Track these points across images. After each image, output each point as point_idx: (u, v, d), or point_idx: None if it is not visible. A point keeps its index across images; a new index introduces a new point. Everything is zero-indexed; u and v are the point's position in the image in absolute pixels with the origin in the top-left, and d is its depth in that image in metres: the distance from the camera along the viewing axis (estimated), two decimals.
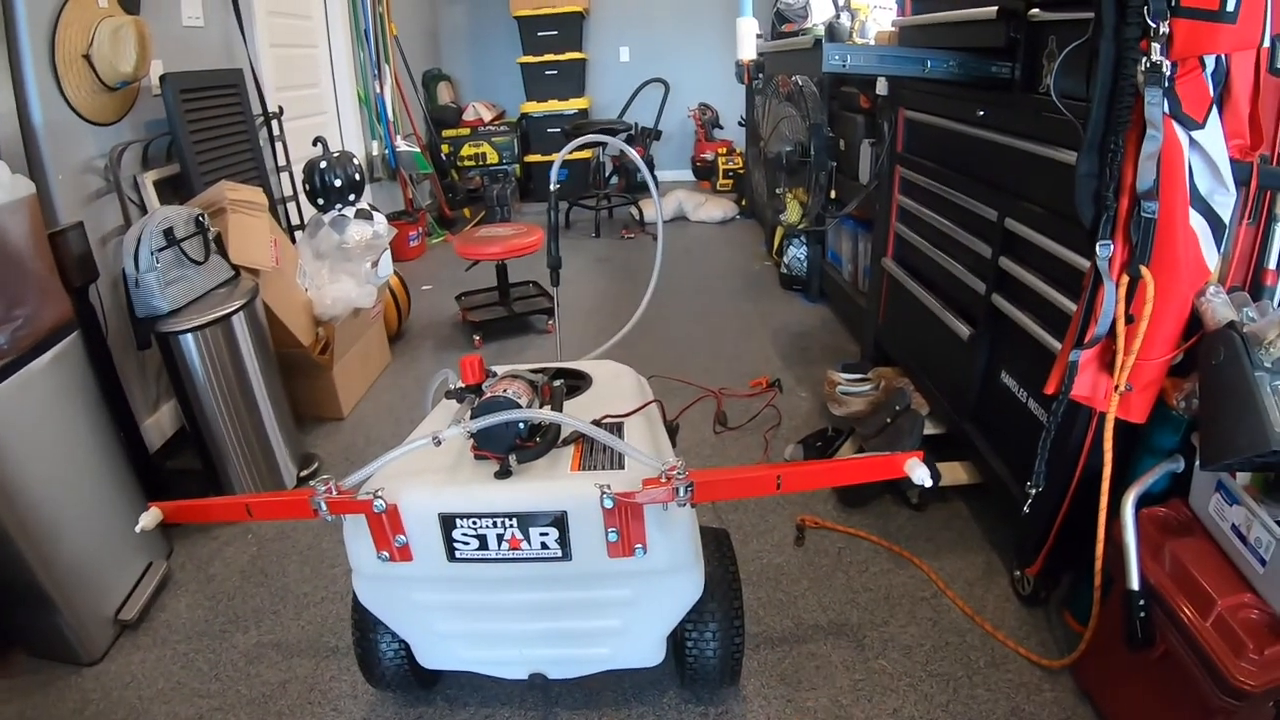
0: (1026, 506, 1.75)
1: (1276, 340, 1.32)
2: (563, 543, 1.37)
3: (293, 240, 3.37)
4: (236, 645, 2.02)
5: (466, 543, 1.37)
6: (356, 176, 3.25)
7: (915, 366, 2.64)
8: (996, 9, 1.95)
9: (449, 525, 1.36)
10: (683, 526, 1.42)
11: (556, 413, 1.47)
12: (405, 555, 1.40)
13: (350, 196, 3.23)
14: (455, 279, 4.74)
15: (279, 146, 3.75)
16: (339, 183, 3.18)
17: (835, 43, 3.12)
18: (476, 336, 3.97)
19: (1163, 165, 1.40)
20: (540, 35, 6.87)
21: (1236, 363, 1.34)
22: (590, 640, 1.56)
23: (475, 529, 1.35)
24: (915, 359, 2.67)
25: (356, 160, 3.31)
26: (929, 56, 2.10)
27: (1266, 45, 1.37)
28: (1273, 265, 1.55)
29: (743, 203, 6.46)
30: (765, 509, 2.43)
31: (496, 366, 1.70)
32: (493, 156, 6.91)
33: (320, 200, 3.21)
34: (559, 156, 2.19)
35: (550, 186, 2.18)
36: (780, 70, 4.19)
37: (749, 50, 5.39)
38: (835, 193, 3.61)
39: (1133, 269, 1.47)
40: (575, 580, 1.45)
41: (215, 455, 2.50)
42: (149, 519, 1.40)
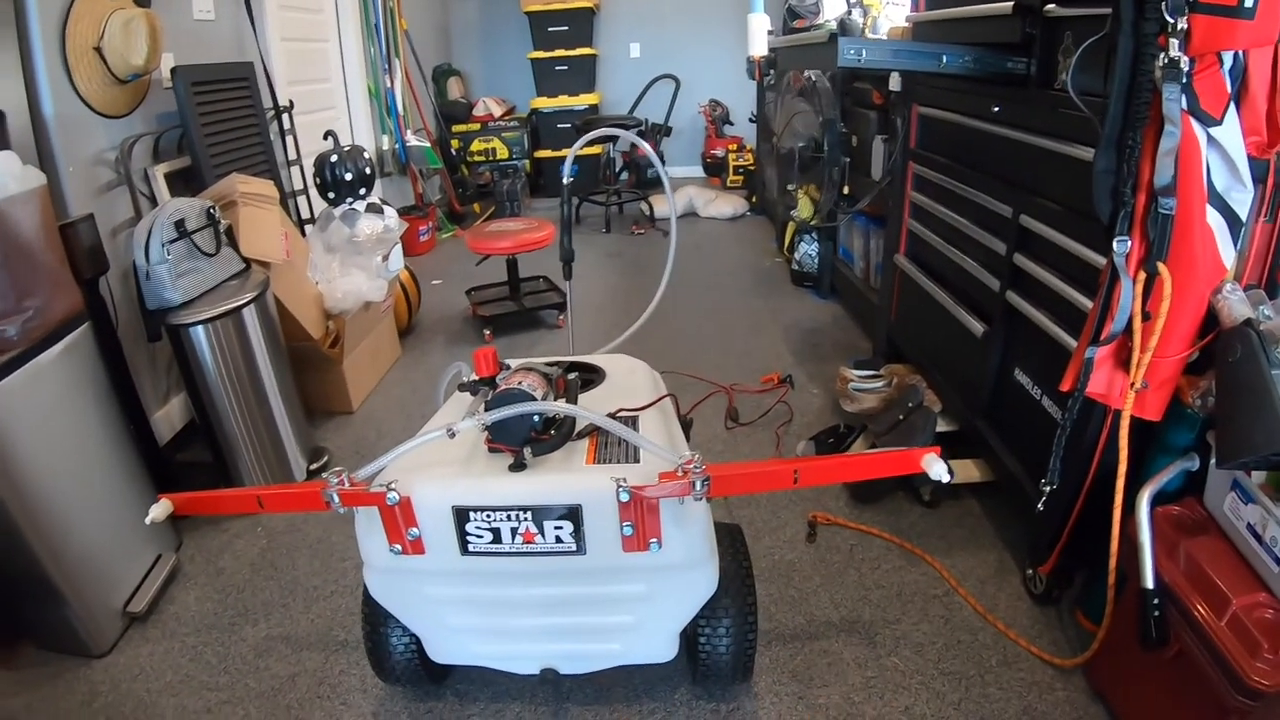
0: (1041, 503, 1.75)
1: None
2: (577, 537, 1.35)
3: (303, 234, 3.37)
4: (245, 638, 2.02)
5: (480, 536, 1.36)
6: (367, 170, 3.26)
7: (927, 363, 2.64)
8: (1013, 4, 1.93)
9: (463, 518, 1.35)
10: (698, 521, 1.41)
11: (572, 405, 1.46)
12: (418, 548, 1.39)
13: (361, 190, 3.24)
14: (465, 274, 4.74)
15: (289, 140, 3.76)
16: (349, 177, 3.19)
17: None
18: (487, 331, 3.97)
19: (1180, 162, 1.39)
20: (551, 30, 6.88)
21: (1253, 360, 1.32)
22: (603, 636, 1.55)
23: (489, 522, 1.34)
24: (928, 356, 2.66)
25: (367, 154, 3.32)
26: (945, 51, 2.09)
27: None
28: None
29: (753, 199, 6.45)
30: (777, 505, 2.42)
31: (510, 360, 1.69)
32: (503, 152, 6.90)
33: (331, 194, 3.22)
34: (573, 149, 2.17)
35: (564, 180, 2.17)
36: (793, 65, 4.17)
37: (760, 46, 5.37)
38: (848, 189, 3.60)
39: (1150, 265, 1.45)
40: (589, 575, 1.44)
41: (225, 448, 2.50)
42: (159, 510, 1.40)
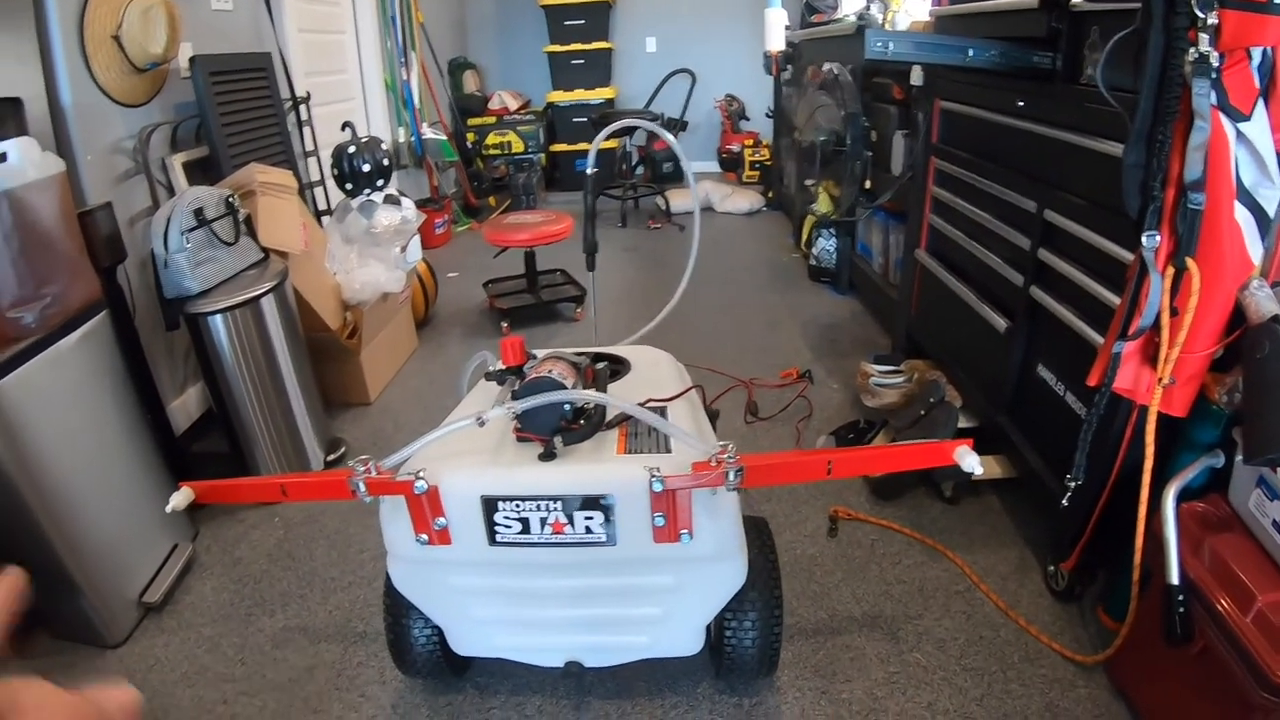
0: (1066, 499, 1.73)
1: None
2: (608, 527, 1.34)
3: (320, 225, 3.38)
4: (262, 629, 2.01)
5: (508, 526, 1.35)
6: (385, 162, 3.25)
7: (949, 359, 2.62)
8: None
9: (491, 508, 1.33)
10: (729, 513, 1.40)
11: (605, 395, 1.45)
12: (444, 538, 1.38)
13: (378, 182, 3.24)
14: (481, 266, 4.74)
15: (307, 131, 3.76)
16: (367, 168, 3.18)
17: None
18: (504, 324, 3.97)
19: (1209, 157, 1.38)
20: (567, 24, 6.87)
21: None
22: (630, 628, 1.54)
23: (518, 512, 1.33)
24: (949, 351, 2.65)
25: (384, 145, 3.31)
26: (971, 45, 2.07)
27: None
28: None
29: (769, 194, 6.43)
30: (798, 500, 2.41)
31: (536, 350, 1.68)
32: (518, 145, 6.89)
33: (348, 185, 3.22)
34: (596, 141, 2.15)
35: (587, 171, 2.16)
36: (814, 58, 4.15)
37: (778, 41, 5.34)
38: (870, 184, 3.58)
39: (1178, 261, 1.44)
40: (618, 566, 1.42)
41: (243, 437, 2.50)
42: (180, 499, 1.38)
